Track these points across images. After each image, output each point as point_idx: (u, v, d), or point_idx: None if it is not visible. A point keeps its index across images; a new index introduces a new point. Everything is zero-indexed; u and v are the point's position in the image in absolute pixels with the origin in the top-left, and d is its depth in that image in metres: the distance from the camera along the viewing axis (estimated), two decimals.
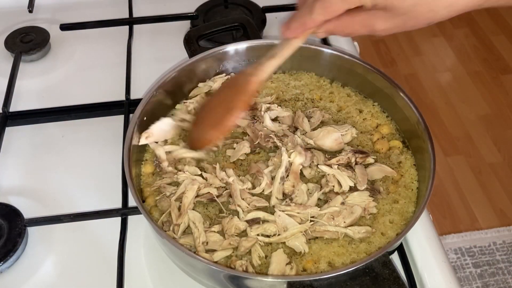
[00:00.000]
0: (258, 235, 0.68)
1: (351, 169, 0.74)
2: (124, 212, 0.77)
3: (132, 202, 0.78)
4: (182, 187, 0.72)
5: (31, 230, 0.77)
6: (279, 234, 0.68)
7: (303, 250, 0.67)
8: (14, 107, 0.95)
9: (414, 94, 2.35)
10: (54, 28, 1.07)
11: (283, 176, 0.72)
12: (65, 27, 1.07)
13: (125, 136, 0.74)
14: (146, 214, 0.65)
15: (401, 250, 0.74)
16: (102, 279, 0.72)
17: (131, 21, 1.10)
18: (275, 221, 0.68)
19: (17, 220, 0.76)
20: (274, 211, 0.69)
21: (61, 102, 0.95)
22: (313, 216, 0.69)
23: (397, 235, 0.67)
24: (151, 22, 1.10)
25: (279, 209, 0.69)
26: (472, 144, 2.24)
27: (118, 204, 0.78)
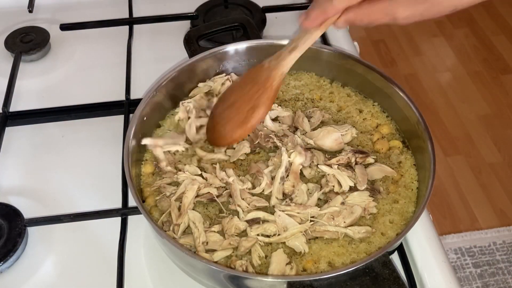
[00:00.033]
0: (258, 235, 0.68)
1: (351, 169, 0.74)
2: (124, 212, 0.77)
3: (132, 202, 0.78)
4: (182, 187, 0.72)
5: (31, 230, 0.77)
6: (279, 234, 0.68)
7: (303, 250, 0.67)
8: (14, 107, 0.95)
9: (414, 94, 2.35)
10: (54, 28, 1.07)
11: (283, 176, 0.72)
12: (65, 27, 1.07)
13: (125, 136, 0.74)
14: (146, 214, 0.65)
15: (401, 250, 0.73)
16: (102, 279, 0.72)
17: (131, 21, 1.10)
18: (275, 221, 0.68)
19: (17, 220, 0.76)
20: (274, 211, 0.69)
21: (61, 102, 0.95)
22: (313, 216, 0.69)
23: (397, 235, 0.67)
24: (151, 22, 1.10)
25: (279, 209, 0.69)
26: (472, 144, 2.24)
27: (118, 204, 0.78)
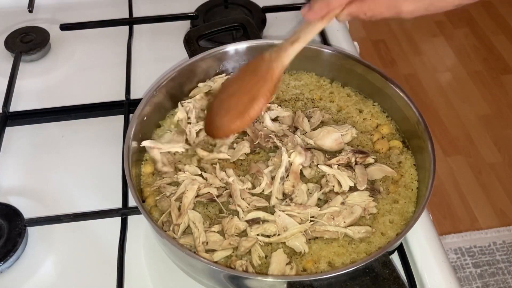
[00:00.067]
0: (258, 235, 0.68)
1: (351, 169, 0.74)
2: (124, 212, 0.77)
3: (132, 202, 0.78)
4: (182, 187, 0.72)
5: (31, 230, 0.77)
6: (279, 234, 0.68)
7: (303, 250, 0.67)
8: (14, 107, 0.95)
9: (414, 94, 2.35)
10: (54, 28, 1.07)
11: (283, 176, 0.72)
12: (65, 27, 1.07)
13: (125, 136, 0.74)
14: (146, 214, 0.65)
15: (401, 250, 0.73)
16: (102, 279, 0.72)
17: (131, 21, 1.10)
18: (275, 221, 0.68)
19: (17, 220, 0.76)
20: (274, 211, 0.69)
21: (61, 102, 0.95)
22: (313, 216, 0.69)
23: (397, 235, 0.67)
24: (151, 22, 1.10)
25: (279, 209, 0.69)
26: (472, 144, 2.24)
27: (118, 204, 0.78)
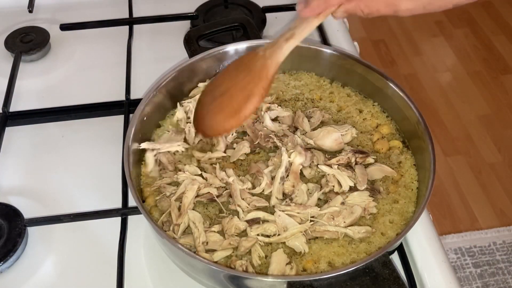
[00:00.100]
0: (258, 235, 0.68)
1: (351, 169, 0.74)
2: (124, 212, 0.77)
3: (132, 202, 0.78)
4: (182, 187, 0.72)
5: (31, 230, 0.77)
6: (279, 234, 0.68)
7: (303, 250, 0.67)
8: (14, 107, 0.95)
9: (414, 94, 2.35)
10: (54, 28, 1.07)
11: (283, 176, 0.72)
12: (65, 27, 1.07)
13: (125, 136, 0.74)
14: (146, 214, 0.65)
15: (401, 250, 0.73)
16: (102, 279, 0.72)
17: (131, 21, 1.10)
18: (275, 221, 0.68)
19: (17, 220, 0.76)
20: (274, 211, 0.69)
21: (61, 102, 0.95)
22: (313, 216, 0.69)
23: (397, 235, 0.67)
24: (151, 22, 1.10)
25: (279, 209, 0.69)
26: (472, 144, 2.24)
27: (118, 204, 0.78)
